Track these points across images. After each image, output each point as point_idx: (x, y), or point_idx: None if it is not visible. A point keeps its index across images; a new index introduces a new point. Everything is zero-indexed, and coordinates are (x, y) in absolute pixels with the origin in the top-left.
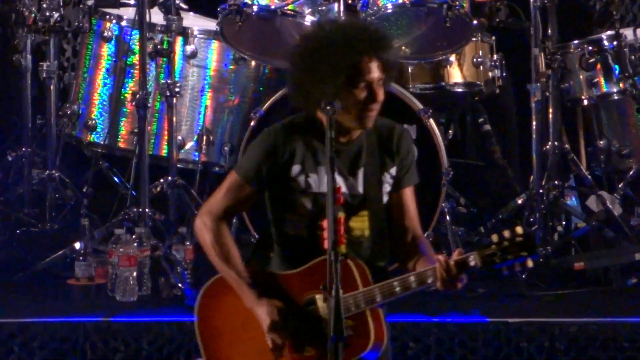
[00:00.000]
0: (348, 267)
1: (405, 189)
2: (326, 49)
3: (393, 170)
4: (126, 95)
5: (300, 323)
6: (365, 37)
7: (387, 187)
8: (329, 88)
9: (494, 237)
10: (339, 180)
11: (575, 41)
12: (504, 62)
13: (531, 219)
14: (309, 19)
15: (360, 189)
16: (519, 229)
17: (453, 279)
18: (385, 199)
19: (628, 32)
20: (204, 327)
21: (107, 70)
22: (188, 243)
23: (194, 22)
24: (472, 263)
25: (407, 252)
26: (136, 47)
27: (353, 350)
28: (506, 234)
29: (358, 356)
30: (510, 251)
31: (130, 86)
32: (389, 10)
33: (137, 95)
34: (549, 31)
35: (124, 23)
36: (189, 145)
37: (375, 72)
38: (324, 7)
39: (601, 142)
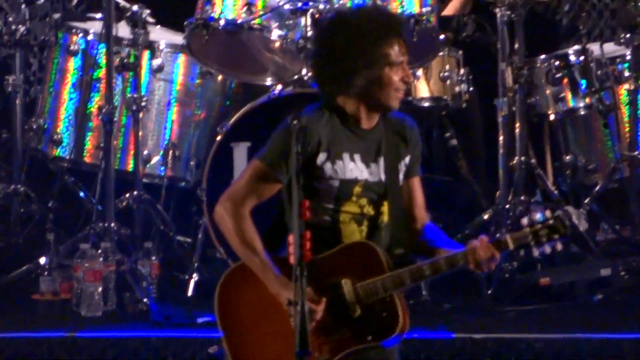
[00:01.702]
0: (374, 252)
1: (414, 178)
2: (372, 34)
3: (407, 159)
4: (92, 109)
5: (325, 306)
6: (391, 22)
7: (401, 176)
8: (375, 72)
9: (524, 221)
10: (363, 167)
11: (542, 56)
12: (470, 77)
13: (497, 235)
14: (275, 34)
15: (383, 176)
16: (549, 212)
17: (488, 259)
18: (401, 186)
19: (595, 47)
20: (225, 317)
21: (73, 84)
22: (154, 258)
23: (161, 35)
24: (505, 243)
25: (417, 240)
26: (102, 61)
27: (380, 334)
28: (536, 217)
29: (383, 340)
30: (542, 234)
31: (97, 100)
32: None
33: (103, 110)
34: (516, 46)
35: (90, 37)
36: (155, 159)
37: (403, 53)
38: (291, 21)
39: (567, 157)
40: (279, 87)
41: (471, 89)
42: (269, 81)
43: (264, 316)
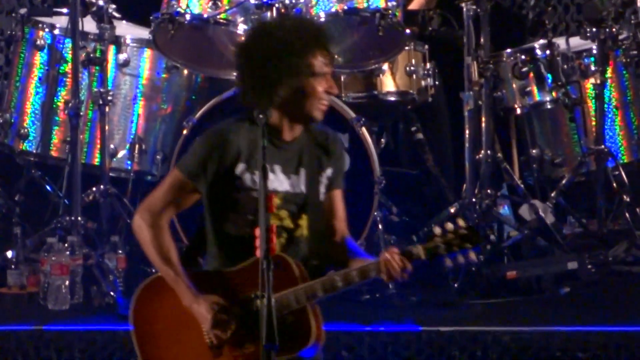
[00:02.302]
0: (287, 264)
1: (335, 191)
2: (294, 44)
3: (329, 171)
4: (59, 103)
5: (239, 320)
6: (315, 33)
7: (323, 188)
8: (299, 82)
9: (437, 230)
10: (283, 178)
11: (508, 50)
12: (436, 71)
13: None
14: (241, 28)
15: (303, 188)
16: (462, 222)
17: (401, 270)
18: (322, 198)
19: (561, 41)
20: (140, 332)
21: (40, 78)
22: (120, 251)
23: (127, 30)
24: (416, 254)
25: (337, 252)
26: (69, 56)
27: (293, 346)
28: (449, 226)
29: (298, 352)
30: (454, 243)
31: (63, 95)
32: (322, 19)
33: (70, 104)
34: (482, 40)
35: (56, 31)
36: (122, 153)
37: (327, 65)
38: (256, 16)
39: (534, 151)
40: None
41: (437, 83)
42: (234, 75)
43: (178, 329)
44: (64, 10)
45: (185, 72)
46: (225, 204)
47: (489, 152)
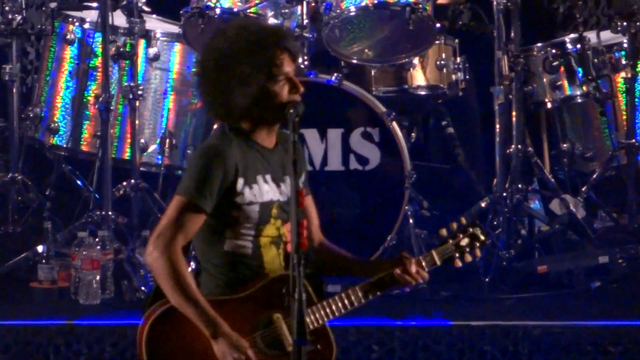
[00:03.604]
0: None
1: (308, 196)
2: (239, 52)
3: (303, 176)
4: (89, 98)
5: (264, 346)
6: (271, 31)
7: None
8: (252, 89)
9: (443, 232)
10: (274, 187)
11: (539, 44)
12: (467, 65)
13: (494, 222)
14: (271, 22)
15: (289, 195)
16: (464, 220)
17: (413, 278)
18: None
19: (591, 35)
20: None
21: (70, 73)
22: None
23: (157, 24)
24: (433, 261)
25: (322, 257)
26: (99, 50)
27: None
28: (454, 226)
29: None
30: (464, 244)
31: (93, 89)
32: (352, 13)
33: (100, 98)
34: (512, 34)
35: (86, 26)
36: (152, 148)
37: (289, 63)
38: (286, 10)
39: (564, 145)
40: None
41: (467, 77)
42: None
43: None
44: (94, 4)
45: None
46: (226, 221)
47: (519, 146)
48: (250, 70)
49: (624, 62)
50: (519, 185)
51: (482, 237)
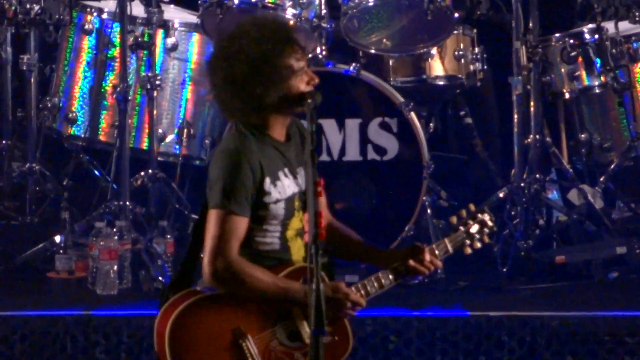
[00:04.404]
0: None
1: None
2: (269, 53)
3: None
4: (107, 88)
5: (278, 335)
6: (287, 27)
7: None
8: (281, 87)
9: (454, 219)
10: (292, 180)
11: (557, 34)
12: (485, 55)
13: (512, 212)
14: (290, 12)
15: (304, 185)
16: (472, 206)
17: (427, 268)
18: None
19: (609, 26)
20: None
21: (88, 63)
22: (169, 236)
23: (175, 14)
24: (446, 249)
25: (332, 241)
26: (117, 40)
27: (337, 355)
28: (463, 213)
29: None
30: (475, 230)
31: (111, 79)
32: (371, 3)
33: (118, 88)
34: (531, 24)
35: (104, 16)
36: (170, 138)
37: (301, 59)
38: (304, 0)
39: (582, 136)
40: None
41: (485, 67)
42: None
43: (219, 354)
44: None
45: None
46: (253, 221)
47: (537, 136)
48: (280, 69)
49: None
50: (537, 176)
51: (490, 224)
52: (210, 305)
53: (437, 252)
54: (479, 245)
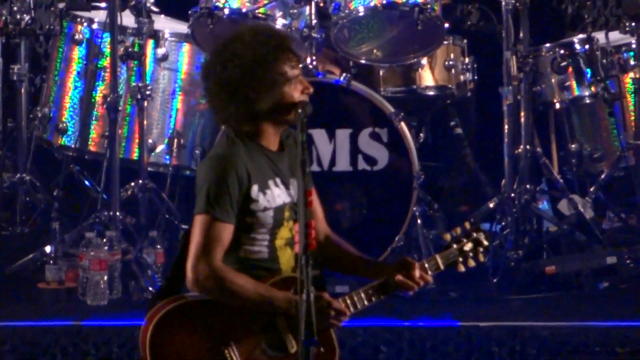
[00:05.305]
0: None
1: (312, 190)
2: (263, 58)
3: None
4: (97, 98)
5: (269, 349)
6: (282, 34)
7: None
8: (275, 93)
9: (447, 237)
10: (284, 190)
11: (547, 44)
12: (475, 65)
13: (503, 223)
14: (280, 22)
15: (295, 195)
16: (468, 225)
17: (416, 284)
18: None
19: (600, 36)
20: None
21: (78, 73)
22: (159, 246)
23: (165, 25)
24: (437, 266)
25: (326, 253)
26: (107, 50)
27: None
28: (458, 231)
29: None
30: (469, 249)
31: (101, 89)
32: (361, 14)
33: (108, 99)
34: (521, 34)
35: (95, 26)
36: (160, 148)
37: (296, 66)
38: (295, 10)
39: (573, 146)
40: None
41: (476, 77)
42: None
43: None
44: (103, 4)
45: None
46: (240, 229)
47: (528, 146)
48: (274, 75)
49: (632, 62)
50: (527, 186)
51: (486, 243)
52: (194, 311)
53: (427, 267)
54: (473, 263)
